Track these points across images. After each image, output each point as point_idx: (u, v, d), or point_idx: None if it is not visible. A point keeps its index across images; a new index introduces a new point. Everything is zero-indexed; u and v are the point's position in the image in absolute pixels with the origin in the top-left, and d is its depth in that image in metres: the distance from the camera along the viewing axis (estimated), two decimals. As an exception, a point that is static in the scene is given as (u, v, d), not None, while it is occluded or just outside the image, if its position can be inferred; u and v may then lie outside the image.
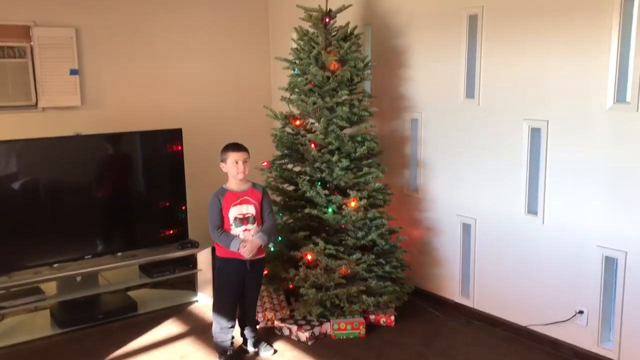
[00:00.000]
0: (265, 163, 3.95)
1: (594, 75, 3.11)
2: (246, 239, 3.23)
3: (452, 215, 4.00)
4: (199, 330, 3.80)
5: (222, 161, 3.28)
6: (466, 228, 3.93)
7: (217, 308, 3.36)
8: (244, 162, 3.24)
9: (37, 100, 4.22)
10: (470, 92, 3.76)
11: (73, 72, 4.35)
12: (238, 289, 3.34)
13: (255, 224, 3.28)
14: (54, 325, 3.82)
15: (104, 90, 4.52)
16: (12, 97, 4.14)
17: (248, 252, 3.20)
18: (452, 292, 4.08)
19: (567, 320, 3.38)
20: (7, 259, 3.64)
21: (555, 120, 3.31)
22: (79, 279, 3.96)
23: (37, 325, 3.84)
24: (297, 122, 3.88)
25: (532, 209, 3.52)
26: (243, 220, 3.24)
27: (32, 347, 3.58)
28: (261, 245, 3.27)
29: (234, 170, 3.23)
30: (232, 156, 3.23)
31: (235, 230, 3.23)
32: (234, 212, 3.23)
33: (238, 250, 3.19)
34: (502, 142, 3.61)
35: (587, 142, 3.18)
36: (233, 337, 3.40)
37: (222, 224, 3.25)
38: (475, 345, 3.58)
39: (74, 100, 4.38)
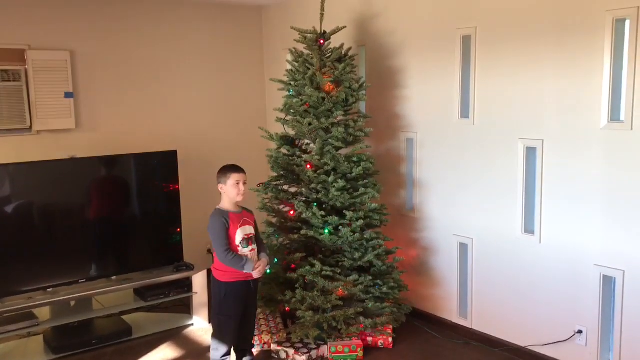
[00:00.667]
0: (260, 184, 3.93)
1: (587, 95, 3.12)
2: (253, 259, 3.22)
3: (448, 235, 3.98)
4: (195, 354, 3.75)
5: (220, 182, 3.25)
6: (463, 248, 3.91)
7: (220, 334, 3.29)
8: (244, 183, 3.23)
9: (31, 123, 4.22)
10: (465, 112, 3.78)
11: (68, 95, 4.35)
12: (240, 313, 3.29)
13: (255, 244, 3.29)
14: (47, 351, 3.76)
15: (98, 113, 4.52)
16: (6, 120, 4.13)
17: (260, 273, 3.21)
18: (450, 312, 4.05)
19: (566, 340, 3.36)
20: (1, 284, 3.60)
21: (550, 139, 3.32)
22: (72, 303, 3.92)
23: (30, 351, 3.78)
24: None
25: (528, 228, 3.51)
26: (248, 240, 3.23)
27: (24, 374, 3.52)
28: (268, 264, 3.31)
29: (234, 192, 3.21)
30: (234, 177, 3.21)
31: (243, 251, 3.21)
32: (240, 234, 3.21)
33: (252, 271, 3.17)
34: (497, 162, 3.62)
35: (582, 161, 3.19)
36: None
37: (229, 246, 3.20)
38: (475, 366, 3.55)
39: (68, 123, 4.37)
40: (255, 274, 3.20)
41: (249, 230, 3.26)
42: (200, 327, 4.18)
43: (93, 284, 3.90)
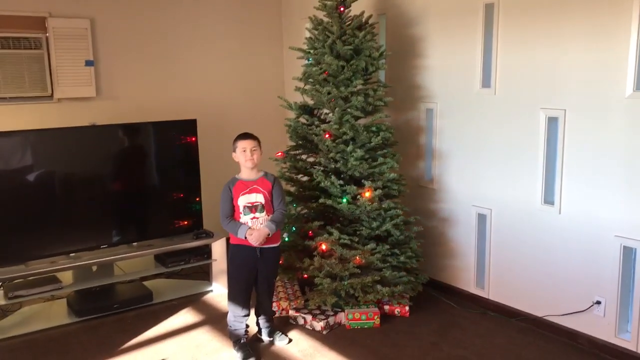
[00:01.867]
0: (280, 153, 3.94)
1: (612, 63, 3.06)
2: (254, 227, 3.25)
3: (467, 206, 3.97)
4: (214, 319, 3.82)
5: (233, 151, 3.31)
6: (482, 219, 3.90)
7: (231, 296, 3.38)
8: (252, 150, 3.25)
9: (52, 91, 4.25)
10: (486, 82, 3.73)
11: (88, 63, 4.37)
12: (250, 277, 3.34)
13: (265, 213, 3.28)
14: (70, 314, 3.86)
15: (118, 82, 4.54)
16: (28, 88, 4.17)
17: (255, 240, 3.22)
18: (467, 283, 4.06)
19: (584, 310, 3.35)
20: (24, 249, 3.68)
21: (572, 109, 3.27)
22: (94, 268, 4.00)
23: (54, 314, 3.88)
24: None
25: (548, 199, 3.48)
26: (251, 208, 3.26)
27: (49, 336, 3.61)
28: (268, 234, 3.26)
29: (242, 159, 3.26)
30: (241, 144, 3.26)
31: (244, 218, 3.25)
32: (242, 201, 3.26)
33: (245, 237, 3.22)
34: (518, 132, 3.58)
35: (605, 131, 3.14)
36: (247, 326, 3.41)
37: (232, 213, 3.28)
38: (491, 336, 3.57)
39: (89, 91, 4.40)
40: (251, 241, 3.22)
41: (255, 198, 3.27)
42: (219, 293, 4.24)
43: (114, 250, 3.97)
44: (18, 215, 3.66)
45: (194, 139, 4.23)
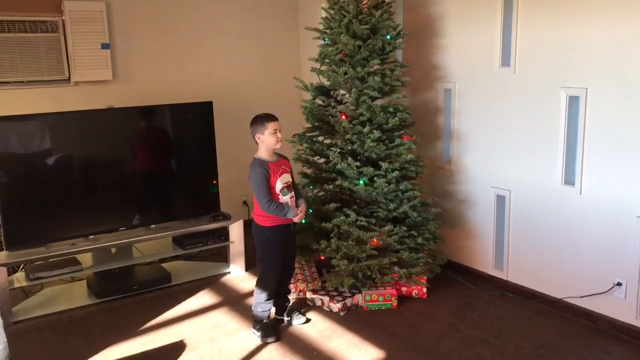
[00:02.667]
0: (296, 135, 3.92)
1: (636, 40, 2.98)
2: (293, 206, 3.28)
3: (486, 187, 3.93)
4: (232, 301, 3.84)
5: (257, 132, 3.22)
6: (500, 200, 3.86)
7: (267, 278, 3.33)
8: (279, 131, 3.22)
9: (69, 74, 4.26)
10: (505, 60, 3.66)
11: (104, 46, 4.37)
12: (283, 256, 3.35)
13: (293, 191, 3.34)
14: (90, 295, 3.90)
15: (134, 64, 4.54)
16: (45, 72, 4.19)
17: (301, 218, 3.30)
18: (486, 264, 4.03)
19: (604, 292, 3.31)
20: (44, 231, 3.72)
21: (594, 88, 3.20)
22: (113, 250, 4.04)
23: (75, 295, 3.93)
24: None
25: (569, 180, 3.43)
26: (288, 188, 3.27)
27: (70, 316, 3.66)
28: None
29: (272, 140, 3.19)
30: (272, 126, 3.19)
31: (283, 198, 3.24)
32: (280, 183, 3.23)
33: (293, 217, 3.25)
34: (538, 111, 3.52)
35: (628, 110, 3.07)
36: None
37: (271, 196, 3.22)
38: (509, 317, 3.54)
39: (105, 74, 4.41)
40: (297, 219, 3.28)
41: (287, 178, 3.28)
42: (236, 275, 4.26)
43: (132, 232, 4.00)
44: (38, 199, 3.70)
45: (210, 120, 4.22)
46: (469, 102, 3.94)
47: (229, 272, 4.31)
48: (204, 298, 3.91)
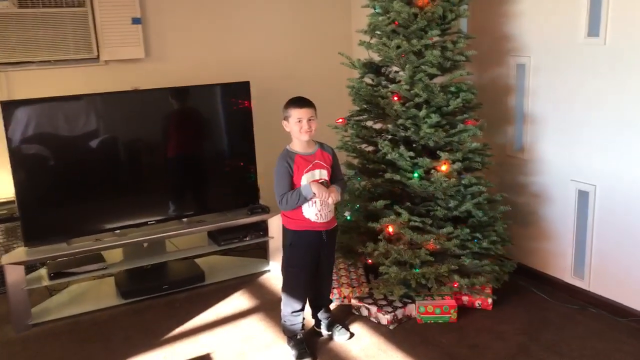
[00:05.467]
0: (341, 120, 3.44)
1: None
2: (321, 209, 2.78)
3: (565, 181, 3.35)
4: (269, 305, 3.44)
5: (284, 119, 2.80)
6: (583, 196, 3.28)
7: (289, 288, 2.94)
8: (309, 120, 2.73)
9: (99, 52, 3.93)
10: (593, 29, 3.07)
11: (135, 21, 4.00)
12: (313, 266, 2.91)
13: None
14: (117, 295, 3.60)
15: (168, 41, 4.16)
16: (72, 50, 3.86)
17: (327, 196, 2.72)
18: (563, 271, 3.46)
19: None
20: (66, 225, 3.43)
21: None
22: (145, 245, 3.71)
23: (102, 294, 3.64)
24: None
25: (674, 176, 2.80)
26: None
27: (93, 319, 3.37)
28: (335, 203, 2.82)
29: (296, 130, 2.75)
30: (295, 114, 2.74)
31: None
32: (306, 179, 2.76)
33: (312, 194, 2.71)
34: (632, 90, 2.93)
35: None
36: (304, 319, 3.00)
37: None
38: (592, 339, 2.98)
39: (137, 52, 4.04)
40: (322, 196, 2.72)
41: (320, 174, 2.79)
42: (276, 274, 3.86)
43: (164, 226, 3.66)
44: (59, 189, 3.40)
45: (247, 103, 3.80)
46: (546, 79, 3.37)
47: (268, 271, 3.92)
48: (238, 301, 3.53)
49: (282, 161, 2.77)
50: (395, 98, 3.18)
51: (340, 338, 3.03)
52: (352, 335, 3.07)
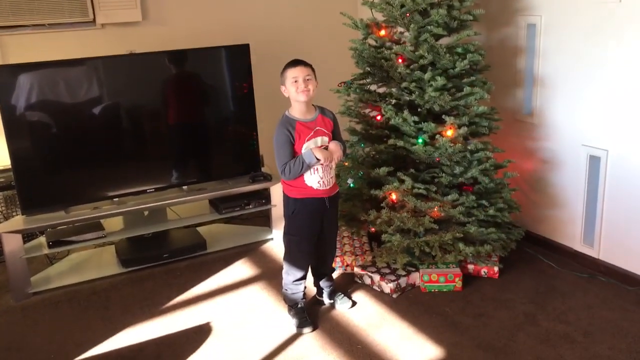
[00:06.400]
0: (343, 83, 3.32)
1: None
2: (323, 178, 2.70)
3: (576, 146, 3.23)
4: (271, 274, 3.39)
5: (282, 83, 2.69)
6: (594, 161, 3.17)
7: (291, 257, 2.88)
8: (306, 79, 2.62)
9: (94, 15, 3.80)
10: (609, -15, 2.88)
11: (131, -18, 3.87)
12: (315, 234, 2.83)
13: None
14: (118, 263, 3.55)
15: (166, 4, 4.02)
16: (67, 12, 3.75)
17: (327, 157, 2.62)
18: (572, 238, 3.36)
19: None
20: (63, 193, 3.36)
21: None
22: (146, 213, 3.65)
23: (103, 262, 3.60)
24: (382, 32, 3.17)
25: (690, 140, 2.68)
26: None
27: (93, 288, 3.33)
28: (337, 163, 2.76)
29: (293, 90, 2.63)
30: (291, 73, 2.62)
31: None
32: (307, 147, 2.66)
33: (315, 160, 2.61)
34: (652, 51, 2.76)
35: None
36: (305, 288, 2.94)
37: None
38: (601, 308, 2.90)
39: (134, 15, 3.92)
40: (325, 157, 2.61)
41: (322, 141, 2.69)
42: (279, 242, 3.79)
43: (162, 195, 3.58)
44: (55, 156, 3.32)
45: (247, 66, 3.67)
46: (558, 39, 3.22)
47: (271, 239, 3.85)
48: (240, 269, 3.48)
49: (282, 128, 2.66)
50: (400, 60, 3.05)
51: (342, 307, 2.97)
52: (354, 303, 3.01)
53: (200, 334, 2.84)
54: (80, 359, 2.68)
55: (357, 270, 3.24)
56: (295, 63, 2.65)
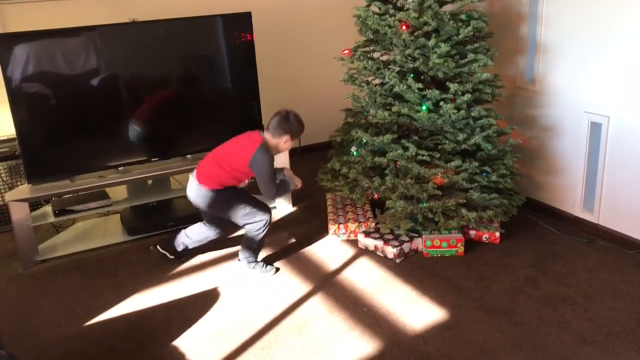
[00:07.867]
0: (347, 51, 3.31)
1: None
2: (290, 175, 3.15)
3: (577, 112, 3.24)
4: (275, 238, 3.44)
5: (285, 133, 2.88)
6: (595, 128, 3.18)
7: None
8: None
9: (94, -16, 3.77)
10: (614, -51, 2.87)
11: (130, -51, 3.82)
12: None
13: None
14: (124, 232, 3.59)
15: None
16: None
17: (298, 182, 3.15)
18: (572, 204, 3.40)
19: None
20: (68, 162, 3.37)
21: None
22: (149, 182, 3.67)
23: (108, 231, 3.64)
24: None
25: (692, 105, 2.70)
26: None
27: (100, 255, 3.37)
28: None
29: (284, 148, 2.95)
30: (296, 136, 2.98)
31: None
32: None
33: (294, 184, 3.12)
34: (656, 16, 2.75)
35: None
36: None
37: None
38: (600, 270, 2.95)
39: (135, -17, 3.89)
40: (300, 185, 3.15)
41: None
42: (283, 210, 3.84)
43: (167, 163, 3.60)
44: (60, 125, 3.32)
45: (249, 35, 3.66)
46: (560, 6, 3.21)
47: (274, 207, 3.88)
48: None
49: (267, 156, 2.88)
50: (403, 27, 3.04)
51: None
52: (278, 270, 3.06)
53: (208, 298, 2.89)
54: (90, 324, 2.72)
55: (360, 237, 3.29)
56: (303, 130, 2.97)
